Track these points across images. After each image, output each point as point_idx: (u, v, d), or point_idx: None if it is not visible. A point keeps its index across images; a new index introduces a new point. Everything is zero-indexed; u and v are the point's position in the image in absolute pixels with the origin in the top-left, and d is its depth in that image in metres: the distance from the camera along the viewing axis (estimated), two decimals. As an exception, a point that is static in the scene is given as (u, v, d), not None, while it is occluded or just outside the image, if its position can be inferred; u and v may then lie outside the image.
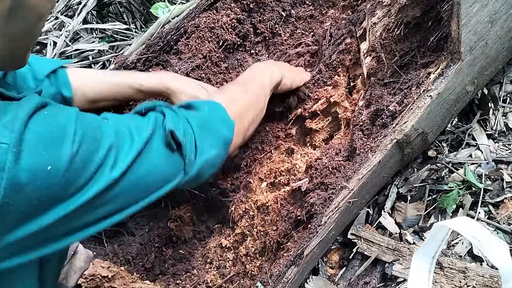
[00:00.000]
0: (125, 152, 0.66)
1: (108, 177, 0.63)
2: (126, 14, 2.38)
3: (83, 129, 0.61)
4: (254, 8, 1.37)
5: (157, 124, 0.74)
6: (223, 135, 0.85)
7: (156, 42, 1.38)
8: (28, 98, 0.61)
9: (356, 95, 1.29)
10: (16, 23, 0.59)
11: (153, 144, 0.71)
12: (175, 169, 0.75)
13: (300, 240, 1.10)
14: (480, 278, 1.01)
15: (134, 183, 0.68)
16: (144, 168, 0.69)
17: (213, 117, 0.85)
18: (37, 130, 0.57)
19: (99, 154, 0.62)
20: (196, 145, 0.78)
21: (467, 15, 1.04)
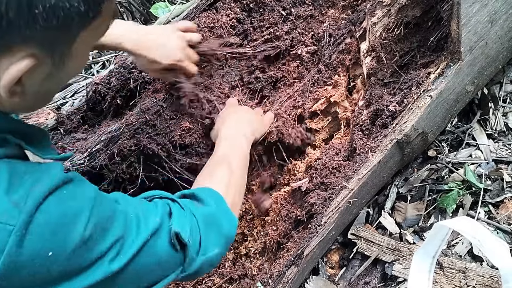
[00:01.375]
0: (128, 245, 0.63)
1: (107, 268, 0.60)
2: (126, 14, 2.38)
3: (97, 218, 0.59)
4: (254, 8, 1.37)
5: (164, 218, 0.72)
6: (227, 233, 0.83)
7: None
8: (50, 169, 0.57)
9: (356, 95, 1.29)
10: (51, 83, 0.59)
11: (157, 240, 0.69)
12: (174, 265, 0.73)
13: (300, 240, 1.10)
14: (480, 278, 1.01)
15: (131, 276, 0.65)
16: (144, 262, 0.67)
17: (219, 214, 0.83)
18: (50, 213, 0.54)
19: (104, 245, 0.60)
20: (201, 243, 0.77)
21: (467, 15, 1.04)
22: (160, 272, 0.71)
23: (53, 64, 0.56)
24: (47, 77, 0.57)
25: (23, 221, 0.51)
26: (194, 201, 0.83)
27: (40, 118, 1.31)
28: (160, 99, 1.25)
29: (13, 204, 0.52)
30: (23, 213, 0.52)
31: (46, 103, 0.65)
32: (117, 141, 1.23)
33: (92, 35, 0.59)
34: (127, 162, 1.25)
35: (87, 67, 1.91)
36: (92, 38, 0.60)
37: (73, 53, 0.57)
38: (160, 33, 1.13)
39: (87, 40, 0.58)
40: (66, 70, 0.59)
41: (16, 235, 0.51)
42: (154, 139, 1.23)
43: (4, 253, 0.50)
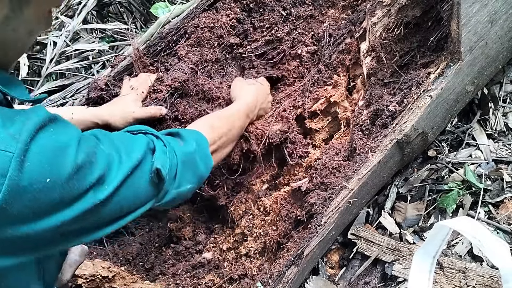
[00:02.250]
0: (112, 176, 0.69)
1: (94, 198, 0.66)
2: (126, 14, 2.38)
3: (84, 151, 0.65)
4: (254, 8, 1.37)
5: (147, 154, 0.78)
6: (201, 172, 0.92)
7: (156, 42, 1.38)
8: (36, 110, 0.63)
9: (356, 95, 1.29)
10: (7, 31, 0.63)
11: (139, 174, 0.75)
12: (150, 196, 0.79)
13: (300, 240, 1.10)
14: (480, 278, 1.01)
15: (116, 204, 0.71)
16: (126, 193, 0.72)
17: (198, 154, 0.91)
18: (42, 144, 0.60)
19: (91, 177, 0.65)
20: (176, 177, 0.84)
21: (467, 15, 1.04)
22: (138, 201, 0.77)
23: (11, 6, 0.61)
24: (3, 21, 0.61)
25: (21, 149, 0.57)
26: (178, 139, 0.89)
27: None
28: (160, 99, 1.26)
29: (9, 135, 0.57)
30: (20, 143, 0.57)
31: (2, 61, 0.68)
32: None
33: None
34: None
35: (87, 66, 1.91)
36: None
37: (30, 2, 0.63)
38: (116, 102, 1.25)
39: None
40: (22, 19, 0.63)
41: (16, 161, 0.56)
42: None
43: (7, 177, 0.55)
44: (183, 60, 1.35)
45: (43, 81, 1.74)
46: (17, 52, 0.70)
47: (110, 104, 1.24)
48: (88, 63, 1.81)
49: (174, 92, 1.27)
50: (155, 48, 1.38)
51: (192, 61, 1.34)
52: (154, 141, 0.81)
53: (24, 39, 0.68)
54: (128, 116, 1.20)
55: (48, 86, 1.69)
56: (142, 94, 1.25)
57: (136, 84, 1.28)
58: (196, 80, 1.31)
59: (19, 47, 0.69)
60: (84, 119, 1.17)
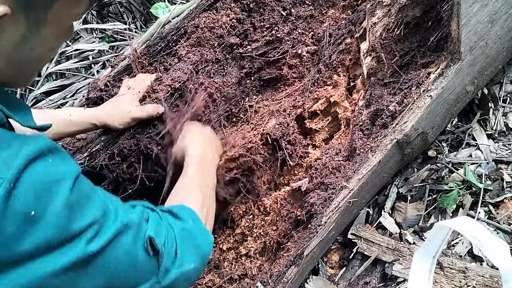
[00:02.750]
0: (106, 228, 0.64)
1: (83, 248, 0.60)
2: (126, 14, 2.38)
3: (78, 192, 0.60)
4: (254, 8, 1.37)
5: (141, 221, 0.72)
6: (203, 250, 0.84)
7: (156, 42, 1.38)
8: (37, 137, 0.60)
9: (356, 95, 1.29)
10: (24, 50, 0.61)
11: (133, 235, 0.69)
12: (148, 272, 0.72)
13: (300, 240, 1.10)
14: (480, 278, 1.01)
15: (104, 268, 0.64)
16: (118, 256, 0.66)
17: (196, 230, 0.84)
18: (35, 174, 0.56)
19: (82, 222, 0.60)
20: (177, 256, 0.76)
21: (467, 15, 1.04)
22: (134, 276, 0.70)
23: (27, 26, 0.59)
24: (21, 41, 0.59)
25: (12, 175, 0.53)
26: (173, 217, 0.83)
27: (40, 118, 1.31)
28: (160, 98, 1.25)
29: (1, 161, 0.54)
30: (12, 169, 0.54)
31: (19, 80, 0.66)
32: (117, 141, 1.23)
33: (67, 9, 0.62)
34: (127, 162, 1.25)
35: (87, 66, 1.91)
36: (66, 12, 0.63)
37: (48, 21, 0.60)
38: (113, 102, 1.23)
39: (62, 13, 0.62)
40: (39, 39, 0.61)
41: (4, 187, 0.52)
42: (154, 139, 1.23)
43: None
44: (183, 60, 1.35)
45: (43, 81, 1.74)
46: (34, 70, 0.69)
47: (106, 104, 1.23)
48: (88, 63, 1.81)
49: (174, 92, 1.27)
50: (155, 48, 1.38)
51: (192, 61, 1.34)
52: (148, 213, 0.76)
53: (43, 56, 0.67)
54: (125, 116, 1.19)
55: (48, 86, 1.70)
56: (139, 94, 1.24)
57: (134, 84, 1.27)
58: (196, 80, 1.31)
59: (36, 65, 0.67)
60: (82, 120, 1.16)
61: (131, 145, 1.22)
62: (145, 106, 1.22)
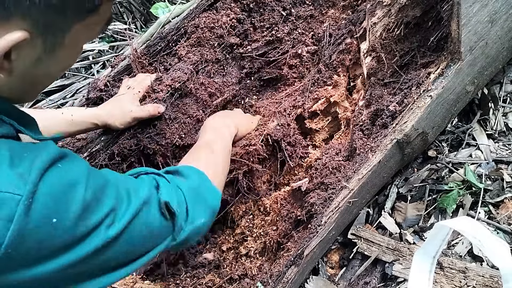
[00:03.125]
0: (122, 213, 0.67)
1: (104, 235, 0.64)
2: (126, 14, 2.38)
3: (93, 188, 0.62)
4: (254, 8, 1.37)
5: (152, 190, 0.76)
6: (211, 204, 0.90)
7: (156, 42, 1.38)
8: (46, 146, 0.61)
9: (356, 95, 1.29)
10: (39, 69, 0.62)
11: (148, 209, 0.73)
12: (165, 234, 0.78)
13: (300, 240, 1.10)
14: (480, 278, 1.01)
15: (128, 243, 0.69)
16: (138, 230, 0.70)
17: (203, 187, 0.90)
18: (51, 183, 0.58)
19: (100, 213, 0.63)
20: (188, 214, 0.82)
21: (467, 15, 1.04)
22: (152, 240, 0.75)
23: (44, 49, 0.59)
24: (36, 62, 0.60)
25: (29, 191, 0.54)
26: (178, 176, 0.87)
27: (40, 118, 1.31)
28: (160, 98, 1.26)
29: (18, 176, 0.55)
30: (29, 184, 0.55)
31: (30, 95, 0.68)
32: (117, 141, 1.23)
33: (85, 32, 0.63)
34: (127, 162, 1.25)
35: (87, 66, 1.91)
36: (84, 35, 0.64)
37: (65, 44, 0.61)
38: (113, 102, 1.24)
39: (79, 36, 0.62)
40: (54, 59, 0.62)
41: (24, 204, 0.54)
42: (154, 139, 1.23)
43: (13, 222, 0.53)
44: (183, 60, 1.35)
45: (43, 81, 1.74)
46: (45, 85, 0.70)
47: (107, 104, 1.23)
48: (88, 63, 1.81)
49: (174, 92, 1.27)
50: (155, 48, 1.38)
51: (192, 61, 1.34)
52: (156, 179, 0.80)
53: (56, 74, 0.68)
54: (126, 115, 1.19)
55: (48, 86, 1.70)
56: (139, 94, 1.24)
57: (134, 84, 1.27)
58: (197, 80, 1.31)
59: (48, 81, 0.68)
60: (83, 120, 1.16)
61: (131, 145, 1.22)
62: (146, 105, 1.22)
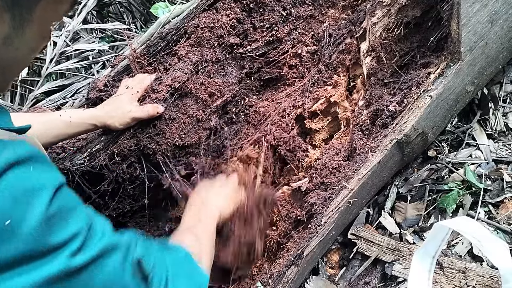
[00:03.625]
0: (92, 243, 0.60)
1: (66, 261, 0.57)
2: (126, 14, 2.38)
3: (60, 202, 0.57)
4: (254, 8, 1.37)
5: (131, 243, 0.69)
6: (197, 282, 0.79)
7: (156, 42, 1.38)
8: (17, 144, 0.56)
9: (356, 95, 1.29)
10: (8, 51, 0.60)
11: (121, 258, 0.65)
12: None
13: (300, 240, 1.10)
14: (480, 278, 1.01)
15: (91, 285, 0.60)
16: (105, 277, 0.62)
17: (190, 265, 0.81)
18: (13, 181, 0.53)
19: (65, 233, 0.57)
20: (167, 282, 0.71)
21: (467, 15, 1.04)
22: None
23: (13, 25, 0.57)
24: (5, 40, 0.58)
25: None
26: (164, 248, 0.80)
27: (40, 118, 1.31)
28: (160, 98, 1.25)
29: None
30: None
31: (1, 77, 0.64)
32: (117, 141, 1.23)
33: (51, 9, 0.62)
34: (127, 162, 1.25)
35: (87, 66, 1.91)
36: (50, 13, 0.62)
37: (32, 20, 0.59)
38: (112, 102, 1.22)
39: (46, 13, 0.61)
40: (23, 39, 0.60)
41: None
42: (154, 139, 1.23)
43: None
44: (183, 60, 1.35)
45: (43, 81, 1.74)
46: (15, 72, 0.67)
47: (106, 104, 1.22)
48: (88, 63, 1.81)
49: (174, 92, 1.27)
50: (155, 48, 1.38)
51: (192, 61, 1.34)
52: (138, 238, 0.73)
53: (25, 58, 0.65)
54: (125, 116, 1.18)
55: (48, 86, 1.69)
56: (137, 94, 1.23)
57: (132, 83, 1.27)
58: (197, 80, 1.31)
59: (18, 67, 0.65)
60: (82, 121, 1.15)
61: (131, 145, 1.22)
62: (145, 106, 1.22)
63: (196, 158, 1.29)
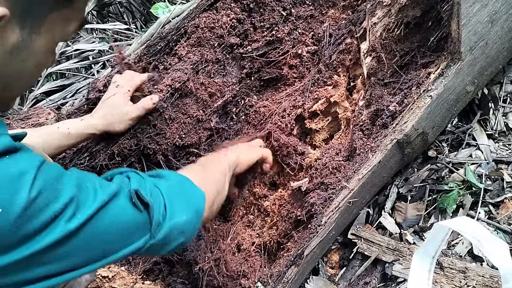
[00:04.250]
0: (87, 206, 0.62)
1: (63, 228, 0.59)
2: (126, 14, 2.38)
3: (44, 177, 0.58)
4: (254, 8, 1.37)
5: (123, 184, 0.71)
6: (194, 202, 0.82)
7: (156, 42, 1.38)
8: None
9: (356, 95, 1.29)
10: (14, 62, 0.60)
11: (118, 201, 0.68)
12: (141, 229, 0.71)
13: (300, 240, 1.10)
14: (480, 278, 1.01)
15: (93, 238, 0.64)
16: (106, 224, 0.65)
17: (184, 186, 0.83)
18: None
19: (57, 205, 0.59)
20: (166, 208, 0.74)
21: (467, 15, 1.04)
22: (127, 236, 0.69)
23: (21, 36, 0.58)
24: (13, 50, 0.59)
25: None
26: (158, 178, 0.81)
27: (41, 118, 1.31)
28: (160, 98, 1.25)
29: None
30: None
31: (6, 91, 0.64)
32: (117, 141, 1.23)
33: (60, 26, 0.63)
34: (127, 162, 1.25)
35: (87, 66, 1.91)
36: (58, 29, 0.63)
37: (41, 33, 0.60)
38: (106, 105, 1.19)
39: (55, 28, 0.62)
40: (31, 52, 0.61)
41: None
42: (154, 139, 1.23)
43: None
44: (183, 60, 1.35)
45: (43, 81, 1.74)
46: (19, 88, 0.67)
47: (100, 109, 1.18)
48: (88, 63, 1.81)
49: (174, 92, 1.27)
50: (155, 48, 1.38)
51: (192, 61, 1.34)
52: (129, 174, 0.75)
53: (30, 73, 0.65)
54: (123, 118, 1.16)
55: (48, 86, 1.70)
56: (129, 93, 1.20)
57: (122, 81, 1.22)
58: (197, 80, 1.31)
59: (22, 82, 0.65)
60: (81, 131, 1.13)
61: (131, 145, 1.22)
62: (140, 102, 1.19)
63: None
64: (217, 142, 1.36)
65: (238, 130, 1.40)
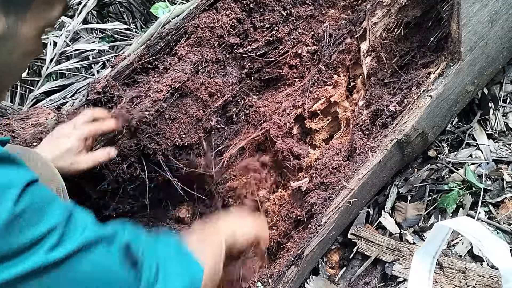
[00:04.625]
0: (73, 238, 0.57)
1: (42, 258, 0.53)
2: (126, 14, 2.38)
3: (31, 197, 0.54)
4: (254, 8, 1.37)
5: (118, 232, 0.65)
6: (191, 273, 0.71)
7: (156, 42, 1.38)
8: None
9: (356, 95, 1.29)
10: (1, 54, 0.59)
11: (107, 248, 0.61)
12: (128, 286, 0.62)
13: (300, 240, 1.10)
14: (480, 278, 1.01)
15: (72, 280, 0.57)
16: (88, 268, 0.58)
17: (181, 253, 0.74)
18: None
19: (39, 229, 0.54)
20: (158, 274, 0.65)
21: (467, 15, 1.04)
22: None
23: (7, 24, 0.58)
24: (0, 40, 0.58)
25: None
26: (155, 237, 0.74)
27: (40, 118, 1.31)
28: (160, 98, 1.25)
29: None
30: None
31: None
32: (117, 141, 1.23)
33: (44, 10, 0.63)
34: (127, 162, 1.25)
35: (87, 66, 1.90)
36: (44, 13, 0.63)
37: (26, 20, 0.60)
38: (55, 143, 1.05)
39: (40, 13, 0.62)
40: (18, 41, 0.60)
41: None
42: (154, 139, 1.23)
43: None
44: (183, 60, 1.35)
45: (43, 81, 1.74)
46: (11, 79, 0.66)
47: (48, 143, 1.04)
48: (88, 63, 1.80)
49: (174, 92, 1.27)
50: (155, 48, 1.38)
51: (192, 61, 1.34)
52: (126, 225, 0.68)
53: (19, 63, 0.64)
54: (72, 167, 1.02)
55: (48, 86, 1.69)
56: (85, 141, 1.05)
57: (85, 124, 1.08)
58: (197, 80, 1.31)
59: (14, 73, 0.64)
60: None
61: (131, 145, 1.22)
62: (94, 153, 1.08)
63: None
64: (217, 142, 1.36)
65: (238, 130, 1.40)
